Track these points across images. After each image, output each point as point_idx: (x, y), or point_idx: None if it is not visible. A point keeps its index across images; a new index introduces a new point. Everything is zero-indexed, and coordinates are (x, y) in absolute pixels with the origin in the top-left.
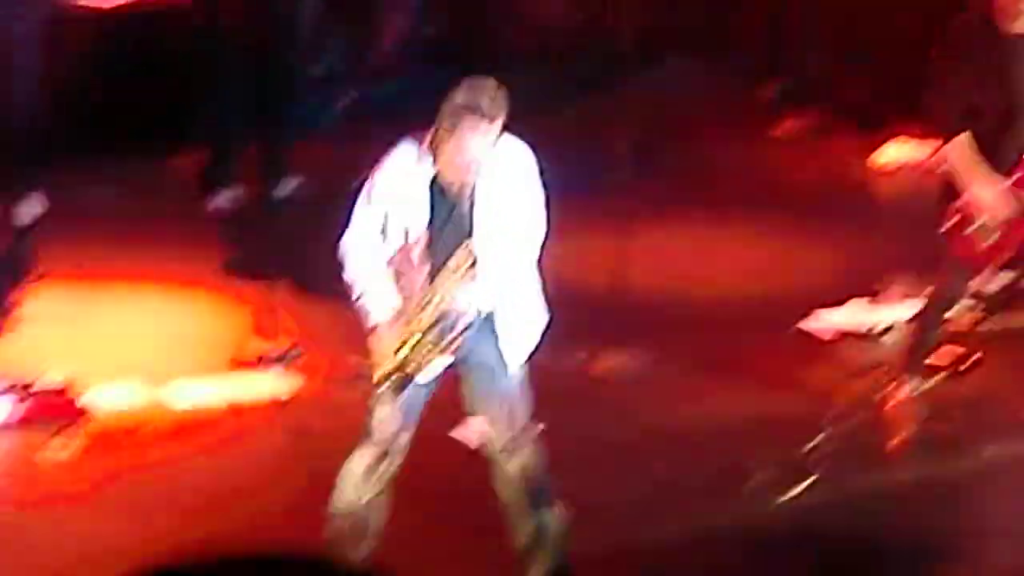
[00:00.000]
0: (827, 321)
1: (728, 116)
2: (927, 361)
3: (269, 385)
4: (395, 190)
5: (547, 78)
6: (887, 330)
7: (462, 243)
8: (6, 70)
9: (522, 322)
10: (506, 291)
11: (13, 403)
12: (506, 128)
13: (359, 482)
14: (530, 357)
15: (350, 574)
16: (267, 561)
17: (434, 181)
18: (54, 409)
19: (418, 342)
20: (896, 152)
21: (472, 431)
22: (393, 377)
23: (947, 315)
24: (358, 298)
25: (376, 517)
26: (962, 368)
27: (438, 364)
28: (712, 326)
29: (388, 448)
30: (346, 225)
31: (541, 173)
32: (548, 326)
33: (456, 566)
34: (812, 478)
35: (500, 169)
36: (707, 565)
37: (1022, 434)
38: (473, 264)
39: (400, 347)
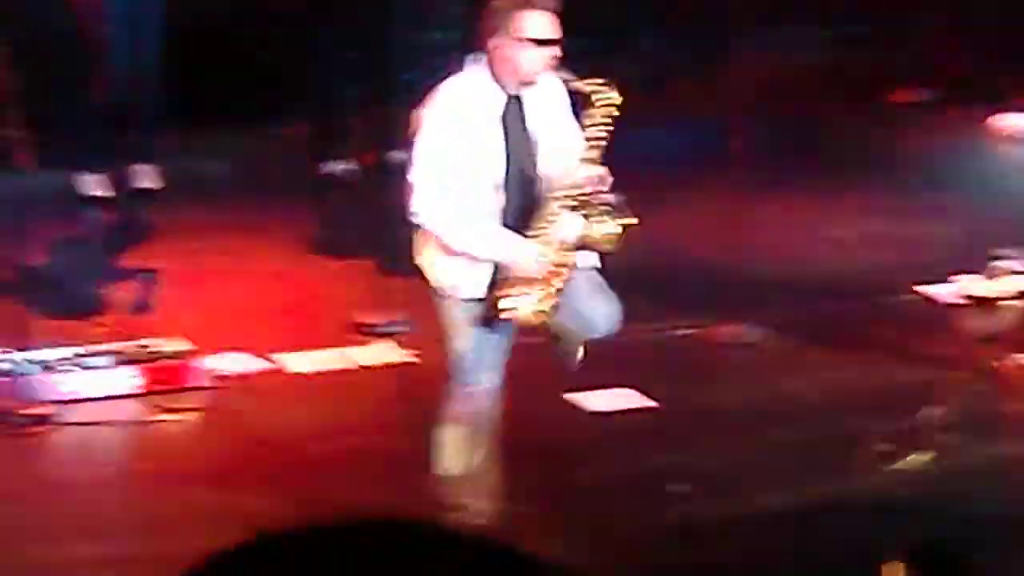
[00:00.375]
0: (945, 290)
1: (843, 86)
2: None
3: (381, 355)
4: (468, 123)
5: (664, 47)
6: (1003, 299)
7: (529, 156)
8: (120, 41)
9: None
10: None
11: (133, 372)
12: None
13: (460, 444)
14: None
15: (461, 538)
16: (377, 526)
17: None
18: (172, 377)
19: (556, 259)
20: (1015, 120)
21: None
22: (540, 303)
23: None
24: (479, 250)
25: (484, 480)
26: None
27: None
28: (828, 295)
29: (482, 399)
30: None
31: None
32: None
33: (559, 532)
34: (928, 448)
35: (546, 84)
36: (823, 533)
37: None
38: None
39: (549, 272)
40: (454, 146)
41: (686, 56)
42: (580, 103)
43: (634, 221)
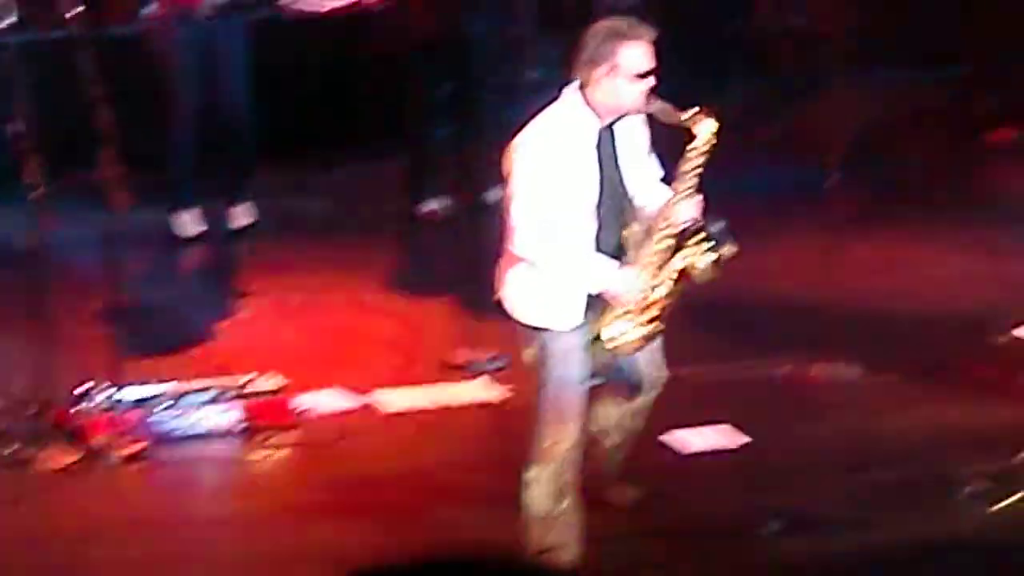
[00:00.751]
0: None
1: (941, 125)
2: None
3: (476, 392)
4: (566, 154)
5: (759, 85)
6: None
7: (621, 185)
8: (215, 78)
9: None
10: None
11: (230, 408)
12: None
13: (551, 482)
14: None
15: None
16: (472, 565)
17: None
18: (268, 414)
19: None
20: None
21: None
22: (639, 331)
23: None
24: (581, 280)
25: (577, 518)
26: None
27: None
28: (923, 334)
29: (577, 431)
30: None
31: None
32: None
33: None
34: None
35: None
36: (918, 575)
37: None
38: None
39: (649, 298)
40: (554, 177)
41: (781, 97)
42: (667, 133)
43: (735, 250)
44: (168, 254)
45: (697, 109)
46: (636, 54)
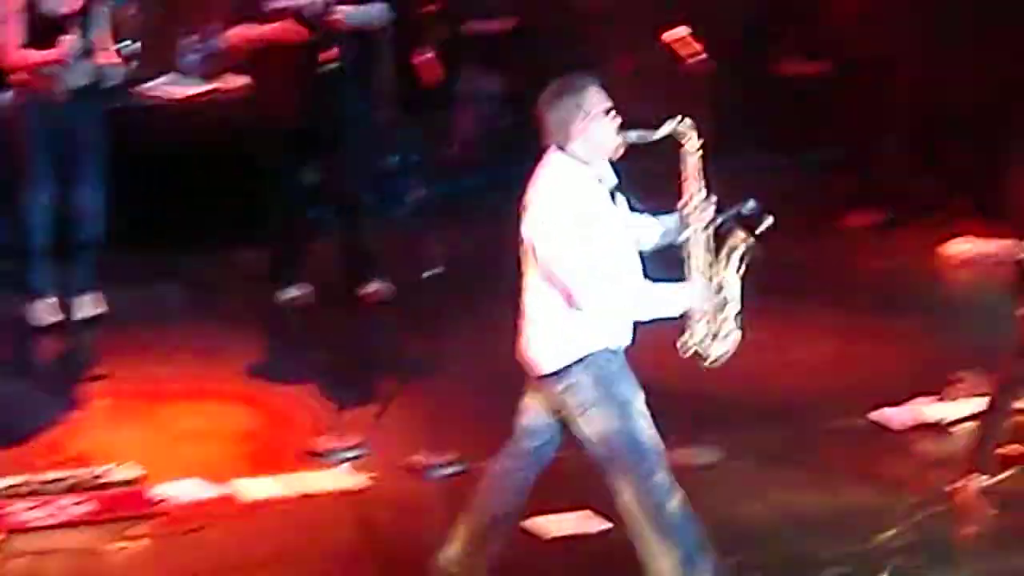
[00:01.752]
0: (897, 414)
1: (798, 208)
2: (997, 452)
3: (337, 481)
4: (594, 203)
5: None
6: (958, 422)
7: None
8: (73, 162)
9: None
10: None
11: (85, 499)
12: None
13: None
14: None
15: None
16: None
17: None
18: (125, 504)
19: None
20: (965, 246)
21: None
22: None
23: (1017, 404)
24: (657, 308)
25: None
26: None
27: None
28: (783, 418)
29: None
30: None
31: None
32: None
33: None
34: (885, 571)
35: None
36: None
37: None
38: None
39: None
40: (589, 225)
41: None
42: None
43: (770, 221)
44: (22, 343)
45: (678, 121)
46: (599, 94)
